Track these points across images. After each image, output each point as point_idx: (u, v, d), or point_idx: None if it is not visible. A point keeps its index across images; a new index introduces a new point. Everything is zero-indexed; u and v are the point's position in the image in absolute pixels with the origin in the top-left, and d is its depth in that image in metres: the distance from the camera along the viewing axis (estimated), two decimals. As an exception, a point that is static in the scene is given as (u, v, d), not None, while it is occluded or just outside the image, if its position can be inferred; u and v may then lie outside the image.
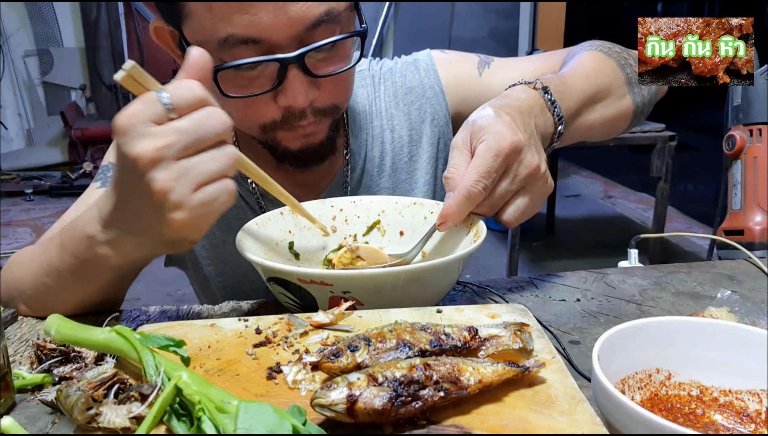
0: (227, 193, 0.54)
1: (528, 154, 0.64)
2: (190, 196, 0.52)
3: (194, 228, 0.56)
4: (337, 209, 0.79)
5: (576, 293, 0.76)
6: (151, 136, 0.51)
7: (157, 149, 0.51)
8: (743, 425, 0.45)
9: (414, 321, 0.48)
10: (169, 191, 0.51)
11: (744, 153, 1.01)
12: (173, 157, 0.51)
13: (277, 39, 0.68)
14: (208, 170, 0.52)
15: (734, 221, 1.00)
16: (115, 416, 0.39)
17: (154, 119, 0.51)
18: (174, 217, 0.53)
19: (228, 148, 0.54)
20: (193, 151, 0.52)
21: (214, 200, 0.53)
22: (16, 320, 0.70)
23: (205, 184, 0.53)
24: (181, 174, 0.51)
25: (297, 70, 0.70)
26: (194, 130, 0.52)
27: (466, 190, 0.63)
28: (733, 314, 0.64)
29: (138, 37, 5.47)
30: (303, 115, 0.75)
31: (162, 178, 0.51)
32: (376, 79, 0.96)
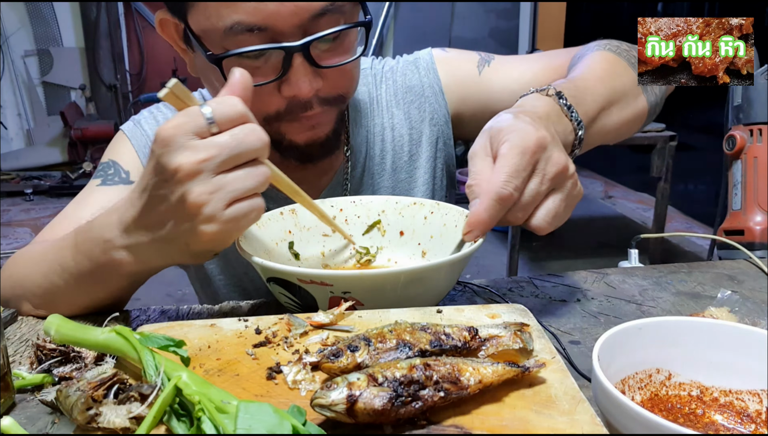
0: (257, 210, 0.56)
1: (555, 151, 0.60)
2: (222, 211, 0.54)
3: (221, 242, 0.58)
4: (337, 209, 0.79)
5: (576, 293, 0.76)
6: (193, 149, 0.52)
7: (197, 163, 0.52)
8: (743, 426, 0.45)
9: (414, 321, 0.48)
10: (203, 205, 0.53)
11: (744, 153, 1.01)
12: (211, 171, 0.53)
13: (282, 27, 0.68)
14: (243, 188, 0.54)
15: (734, 221, 1.00)
16: (115, 416, 0.39)
17: (196, 132, 0.53)
18: (205, 229, 0.54)
19: (262, 166, 0.55)
20: (230, 166, 0.54)
21: (244, 217, 0.55)
22: (16, 320, 0.70)
23: (238, 200, 0.54)
24: (217, 188, 0.53)
25: (302, 60, 0.70)
26: (234, 146, 0.53)
27: (495, 194, 0.57)
28: (733, 314, 0.64)
29: (138, 37, 5.47)
30: (308, 106, 0.75)
31: (198, 191, 0.53)
32: (377, 78, 0.96)
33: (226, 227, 0.55)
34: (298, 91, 0.72)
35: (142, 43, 5.49)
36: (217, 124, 0.53)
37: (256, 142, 0.54)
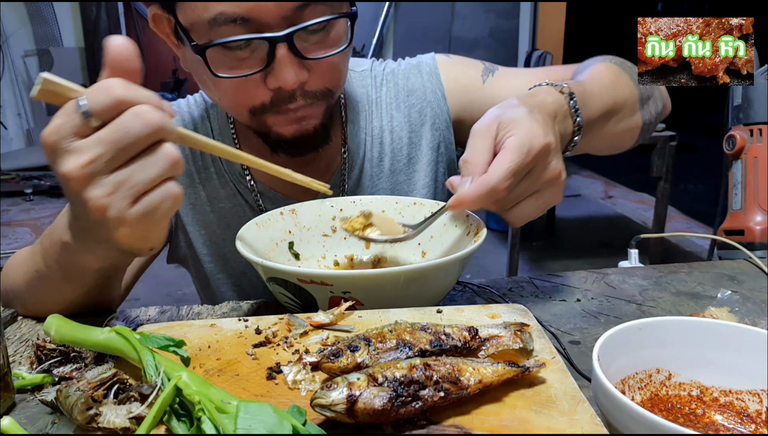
0: (171, 198, 0.50)
1: (554, 160, 0.62)
2: (129, 211, 0.48)
3: (144, 240, 0.53)
4: (337, 209, 0.79)
5: (576, 293, 0.76)
6: (76, 153, 0.47)
7: (84, 166, 0.47)
8: (743, 426, 0.45)
9: (414, 321, 0.48)
10: (105, 209, 0.48)
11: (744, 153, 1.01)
12: (103, 171, 0.47)
13: (266, 17, 0.68)
14: (144, 179, 0.48)
15: (734, 221, 1.00)
16: (115, 416, 0.39)
17: (76, 132, 0.47)
18: (117, 233, 0.50)
19: (163, 148, 0.49)
20: (123, 159, 0.48)
21: (156, 209, 0.49)
22: (16, 320, 0.70)
23: (143, 193, 0.49)
24: (114, 188, 0.48)
25: (286, 51, 0.70)
26: (120, 138, 0.47)
27: (491, 185, 0.59)
28: (733, 314, 0.64)
29: (138, 37, 5.47)
30: (292, 98, 0.74)
31: (95, 197, 0.48)
32: (377, 80, 0.96)
33: (139, 226, 0.49)
34: (283, 82, 0.71)
35: (142, 43, 5.49)
36: (95, 116, 0.47)
37: (144, 126, 0.47)
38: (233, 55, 0.71)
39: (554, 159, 0.62)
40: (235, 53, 0.71)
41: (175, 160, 0.49)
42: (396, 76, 0.96)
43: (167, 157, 0.49)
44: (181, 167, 0.50)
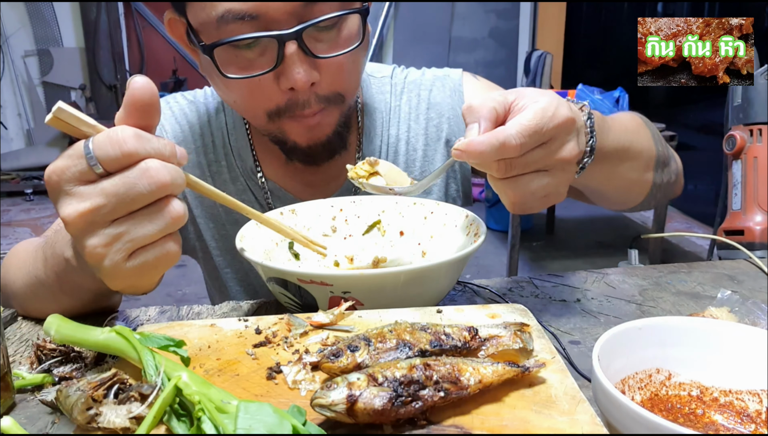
0: (167, 257, 0.49)
1: (574, 141, 0.56)
2: (123, 264, 0.47)
3: (136, 289, 0.53)
4: (337, 209, 0.79)
5: (576, 293, 0.76)
6: (78, 198, 0.46)
7: (82, 215, 0.46)
8: (743, 425, 0.45)
9: (414, 321, 0.48)
10: (101, 258, 0.47)
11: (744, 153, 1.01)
12: (102, 221, 0.46)
13: (274, 14, 0.67)
14: (142, 235, 0.47)
15: (734, 221, 1.00)
16: (115, 416, 0.39)
17: (79, 178, 0.46)
18: (109, 283, 0.50)
19: (169, 206, 0.47)
20: (123, 213, 0.47)
21: (151, 267, 0.48)
22: (16, 320, 0.70)
23: (140, 249, 0.48)
24: (112, 239, 0.47)
25: (296, 48, 0.68)
26: (123, 193, 0.45)
27: (504, 137, 0.52)
28: (733, 314, 0.64)
29: (138, 37, 5.47)
30: (307, 103, 0.73)
31: (92, 245, 0.47)
32: (398, 88, 0.94)
33: (133, 279, 0.49)
34: (293, 81, 0.70)
35: (142, 43, 5.49)
36: (101, 165, 0.45)
37: (150, 185, 0.46)
38: (243, 56, 0.70)
39: (574, 140, 0.56)
40: (244, 53, 0.70)
41: (177, 217, 0.48)
42: (419, 86, 0.93)
43: (170, 215, 0.47)
44: (184, 221, 0.49)
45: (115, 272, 0.48)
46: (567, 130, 0.55)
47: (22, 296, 0.70)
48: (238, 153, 0.89)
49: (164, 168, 0.46)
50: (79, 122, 0.47)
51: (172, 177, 0.47)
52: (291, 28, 0.67)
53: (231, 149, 0.90)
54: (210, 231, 0.92)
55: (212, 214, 0.91)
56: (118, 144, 0.45)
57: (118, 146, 0.45)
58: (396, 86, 0.94)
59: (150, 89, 0.48)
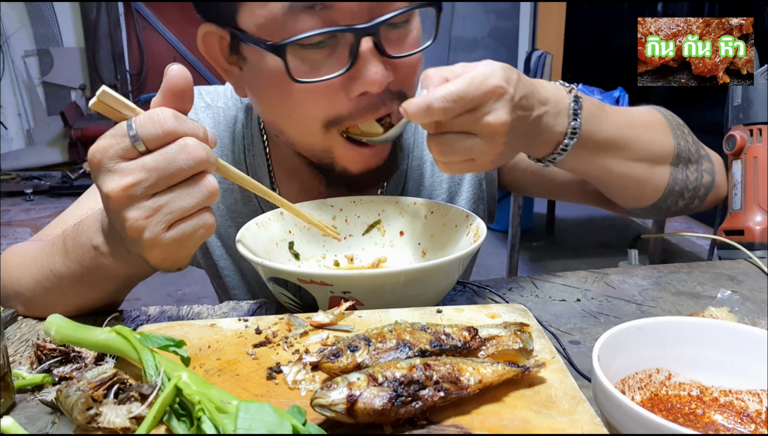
0: (204, 228, 0.53)
1: (503, 110, 0.58)
2: (163, 235, 0.51)
3: (174, 262, 0.56)
4: (337, 209, 0.79)
5: (576, 293, 0.76)
6: (120, 174, 0.50)
7: (125, 188, 0.50)
8: (743, 425, 0.45)
9: (414, 321, 0.48)
10: (141, 230, 0.51)
11: (744, 153, 1.01)
12: (143, 195, 0.50)
13: (348, 5, 0.62)
14: (181, 207, 0.51)
15: (734, 221, 1.00)
16: (115, 416, 0.39)
17: (122, 155, 0.50)
18: (149, 254, 0.53)
19: (205, 180, 0.52)
20: (163, 187, 0.50)
21: (189, 238, 0.52)
22: (16, 320, 0.70)
23: (179, 220, 0.51)
24: (152, 212, 0.50)
25: (371, 45, 0.63)
26: (163, 167, 0.50)
27: (429, 101, 0.57)
28: (733, 314, 0.64)
29: (138, 37, 5.47)
30: (374, 107, 0.68)
31: (133, 218, 0.50)
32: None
33: (171, 251, 0.52)
34: (369, 83, 0.64)
35: (142, 43, 5.49)
36: (143, 143, 0.50)
37: (188, 159, 0.50)
38: (310, 57, 0.65)
39: (503, 109, 0.58)
40: (312, 53, 0.65)
41: (213, 191, 0.52)
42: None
43: (206, 188, 0.52)
44: (218, 196, 0.53)
45: (155, 243, 0.51)
46: (495, 97, 0.58)
47: (29, 294, 0.69)
48: (254, 172, 0.85)
49: (200, 145, 0.51)
50: (121, 105, 0.52)
51: (207, 154, 0.51)
52: (364, 22, 0.63)
53: (247, 167, 0.85)
54: (219, 249, 0.90)
55: (221, 234, 0.89)
56: (159, 123, 0.50)
57: (159, 125, 0.50)
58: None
59: (185, 76, 0.53)
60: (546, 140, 0.67)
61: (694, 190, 0.86)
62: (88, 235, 0.61)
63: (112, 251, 0.59)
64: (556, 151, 0.68)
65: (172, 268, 0.58)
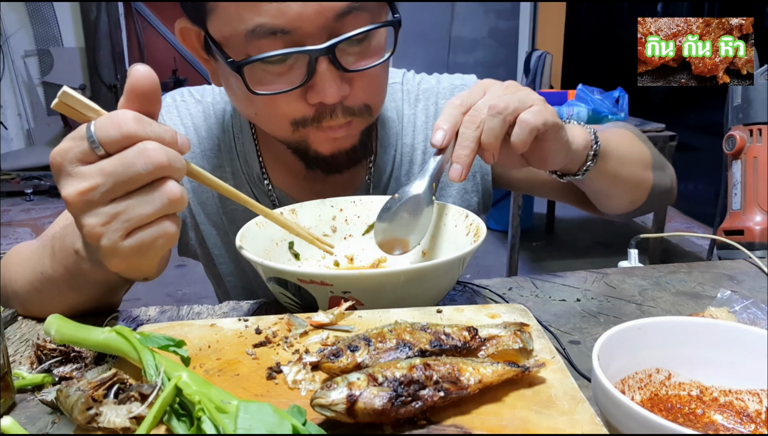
0: (164, 237, 0.50)
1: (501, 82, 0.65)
2: (120, 243, 0.49)
3: (137, 271, 0.54)
4: (337, 209, 0.79)
5: (576, 293, 0.76)
6: (79, 178, 0.48)
7: (82, 193, 0.48)
8: (743, 425, 0.45)
9: (414, 321, 0.48)
10: (99, 237, 0.49)
11: (744, 153, 1.01)
12: (101, 201, 0.48)
13: (307, 29, 0.65)
14: (139, 215, 0.48)
15: (734, 221, 1.00)
16: (115, 416, 0.39)
17: (80, 158, 0.48)
18: (108, 263, 0.51)
19: (166, 187, 0.49)
20: (121, 193, 0.48)
21: (148, 247, 0.49)
22: (16, 320, 0.70)
23: (138, 229, 0.49)
24: (110, 218, 0.48)
25: (327, 64, 0.67)
26: (120, 172, 0.47)
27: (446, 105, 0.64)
28: (733, 314, 0.64)
29: (138, 37, 5.47)
30: (334, 114, 0.71)
31: (90, 224, 0.48)
32: (411, 95, 0.92)
33: (130, 259, 0.50)
34: (323, 97, 0.68)
35: (142, 43, 5.50)
36: (102, 146, 0.47)
37: (146, 164, 0.47)
38: (271, 70, 0.68)
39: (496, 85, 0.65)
40: (273, 68, 0.68)
41: (174, 198, 0.49)
42: (436, 95, 0.92)
43: (166, 195, 0.49)
44: (183, 204, 0.50)
45: (113, 251, 0.49)
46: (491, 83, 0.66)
47: (24, 294, 0.69)
48: (245, 159, 0.87)
49: (162, 150, 0.48)
50: (84, 107, 0.49)
51: (170, 159, 0.48)
52: (322, 42, 0.66)
53: (237, 155, 0.88)
54: (213, 238, 0.91)
55: (214, 222, 0.90)
56: (118, 125, 0.47)
57: (118, 127, 0.47)
58: (409, 93, 0.92)
59: (150, 77, 0.50)
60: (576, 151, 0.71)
61: (663, 194, 0.92)
62: (72, 238, 0.61)
63: (89, 256, 0.58)
64: (588, 160, 0.73)
65: (137, 277, 0.56)
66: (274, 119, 0.73)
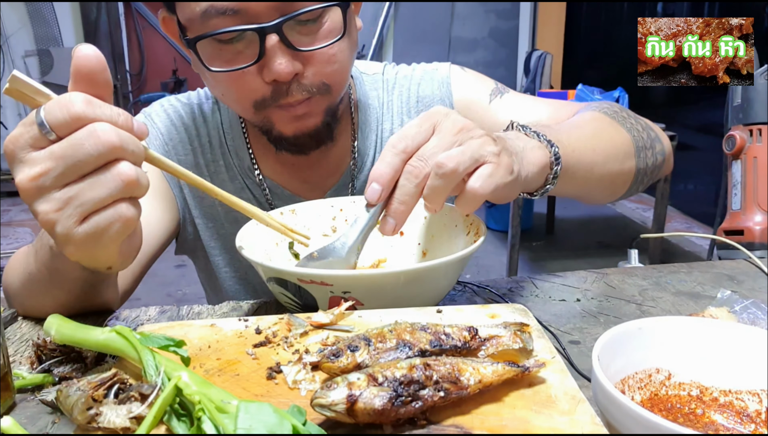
0: (120, 221, 0.48)
1: (453, 116, 0.58)
2: (75, 229, 0.47)
3: (94, 259, 0.52)
4: (337, 209, 0.79)
5: (576, 293, 0.76)
6: (30, 164, 0.47)
7: (33, 178, 0.46)
8: (743, 425, 0.45)
9: (414, 321, 0.48)
10: (53, 224, 0.47)
11: (744, 153, 1.01)
12: (53, 186, 0.46)
13: (256, 9, 0.68)
14: (92, 199, 0.47)
15: (734, 221, 1.00)
16: (115, 416, 0.39)
17: (32, 144, 0.47)
18: (65, 250, 0.50)
19: (118, 168, 0.47)
20: (74, 177, 0.46)
21: (103, 232, 0.48)
22: (16, 320, 0.70)
23: (92, 213, 0.47)
24: (63, 204, 0.47)
25: (277, 41, 0.70)
26: (70, 154, 0.46)
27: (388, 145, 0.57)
28: (733, 314, 0.64)
29: (138, 37, 5.47)
30: (290, 91, 0.74)
31: (44, 211, 0.47)
32: (389, 84, 0.95)
33: (87, 246, 0.48)
34: (276, 73, 0.71)
35: (142, 43, 5.49)
36: (53, 130, 0.46)
37: (96, 145, 0.46)
38: (227, 50, 0.72)
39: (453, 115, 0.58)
40: (228, 48, 0.72)
41: (129, 180, 0.47)
42: (409, 81, 0.95)
43: (120, 177, 0.47)
44: (140, 188, 0.48)
45: (68, 237, 0.48)
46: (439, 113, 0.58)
47: (19, 295, 0.70)
48: (235, 152, 0.90)
49: (113, 130, 0.46)
50: (35, 92, 0.48)
51: (122, 140, 0.47)
52: (272, 21, 0.69)
53: (228, 148, 0.91)
54: (209, 230, 0.92)
55: (210, 214, 0.91)
56: (66, 107, 0.46)
57: (66, 110, 0.46)
58: (387, 82, 0.95)
59: (95, 57, 0.48)
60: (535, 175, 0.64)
61: (651, 173, 0.89)
62: (47, 236, 0.60)
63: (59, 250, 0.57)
64: (548, 182, 0.67)
65: (99, 266, 0.54)
66: (238, 100, 0.77)
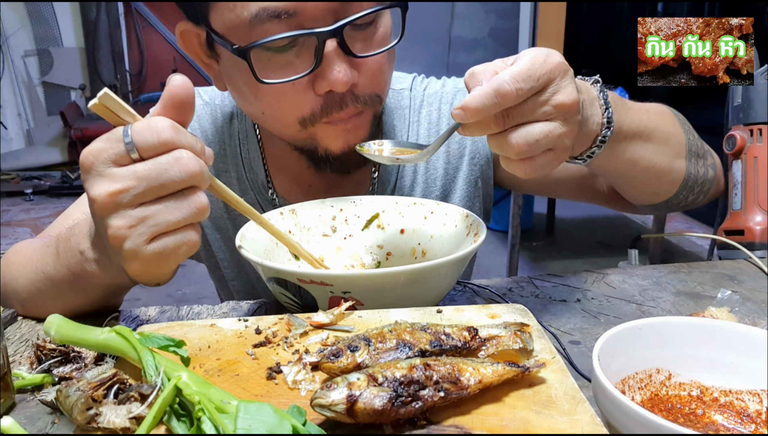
0: (187, 245, 0.51)
1: (571, 85, 0.54)
2: (144, 247, 0.49)
3: (153, 277, 0.54)
4: (337, 209, 0.79)
5: (576, 293, 0.76)
6: (110, 179, 0.49)
7: (112, 194, 0.48)
8: (743, 425, 0.45)
9: (414, 321, 0.48)
10: (123, 240, 0.49)
11: (744, 153, 1.01)
12: (130, 203, 0.49)
13: (312, 11, 0.63)
14: (167, 221, 0.49)
15: (734, 221, 1.00)
16: (115, 416, 0.39)
17: (114, 160, 0.49)
18: (129, 265, 0.51)
19: (194, 196, 0.50)
20: (152, 198, 0.49)
21: (171, 253, 0.50)
22: (16, 320, 0.70)
23: (162, 234, 0.50)
24: (136, 222, 0.49)
25: (336, 47, 0.65)
26: (154, 177, 0.48)
27: (497, 85, 0.51)
28: (733, 314, 0.64)
29: (138, 37, 5.47)
30: (344, 103, 0.69)
31: (116, 226, 0.49)
32: (417, 101, 0.90)
33: (151, 264, 0.51)
34: (333, 83, 0.66)
35: (142, 43, 5.49)
36: (137, 151, 0.48)
37: (181, 172, 0.48)
38: (277, 59, 0.67)
39: (571, 84, 0.54)
40: (278, 57, 0.66)
41: (202, 208, 0.51)
42: (439, 100, 0.89)
43: (195, 204, 0.50)
44: (207, 215, 0.51)
45: (135, 254, 0.50)
46: (562, 74, 0.54)
47: (25, 294, 0.69)
48: (250, 165, 0.86)
49: (195, 160, 0.49)
50: (121, 110, 0.50)
51: (201, 169, 0.50)
52: (329, 26, 0.64)
53: (242, 160, 0.87)
54: (217, 242, 0.91)
55: (219, 226, 0.90)
56: (157, 132, 0.49)
57: (156, 134, 0.49)
58: (415, 99, 0.90)
59: (187, 87, 0.51)
60: (586, 134, 0.62)
61: (701, 185, 0.85)
62: (77, 239, 0.61)
63: (96, 257, 0.58)
64: (594, 144, 0.63)
65: (151, 282, 0.56)
66: (282, 117, 0.72)
